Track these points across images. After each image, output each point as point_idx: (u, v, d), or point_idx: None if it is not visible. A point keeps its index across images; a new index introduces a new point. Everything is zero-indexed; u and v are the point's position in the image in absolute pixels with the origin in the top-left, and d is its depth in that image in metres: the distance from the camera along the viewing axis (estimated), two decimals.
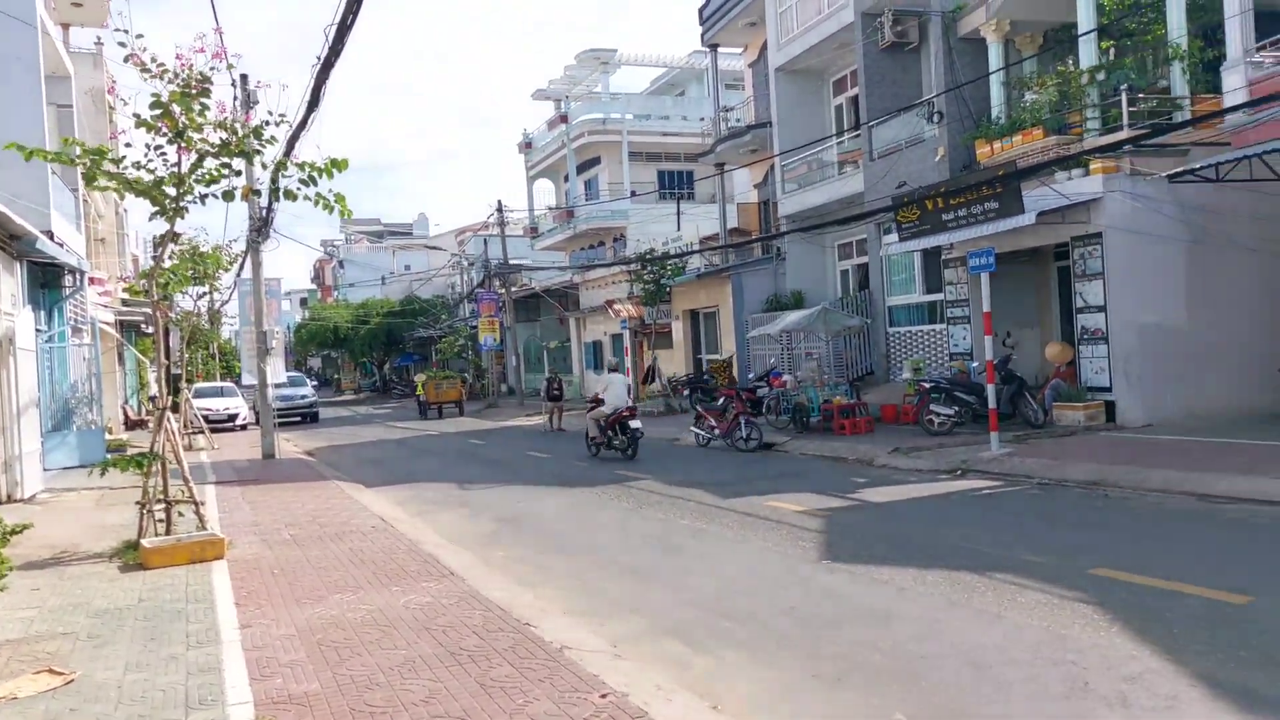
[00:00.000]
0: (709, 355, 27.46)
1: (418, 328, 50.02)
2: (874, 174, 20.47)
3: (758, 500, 10.50)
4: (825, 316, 17.32)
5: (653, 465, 14.74)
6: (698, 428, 17.45)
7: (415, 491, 13.44)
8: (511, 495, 12.51)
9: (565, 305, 36.63)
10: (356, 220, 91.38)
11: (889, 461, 13.26)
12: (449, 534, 9.74)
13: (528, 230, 41.76)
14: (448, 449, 20.07)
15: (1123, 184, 14.66)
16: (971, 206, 15.70)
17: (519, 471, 15.11)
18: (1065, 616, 5.59)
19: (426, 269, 51.54)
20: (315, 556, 8.22)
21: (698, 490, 11.60)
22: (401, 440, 23.17)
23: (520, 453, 18.12)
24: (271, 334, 17.83)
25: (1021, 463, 11.70)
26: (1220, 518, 8.22)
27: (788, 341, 21.74)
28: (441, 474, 15.45)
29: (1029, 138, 16.13)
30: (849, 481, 11.78)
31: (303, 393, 33.19)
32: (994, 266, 12.56)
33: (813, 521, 9.08)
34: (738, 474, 13.08)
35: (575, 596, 6.95)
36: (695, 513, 10.06)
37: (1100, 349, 14.91)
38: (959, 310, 18.00)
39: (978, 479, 11.36)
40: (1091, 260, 14.97)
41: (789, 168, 24.39)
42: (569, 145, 37.38)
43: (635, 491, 11.98)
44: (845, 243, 24.13)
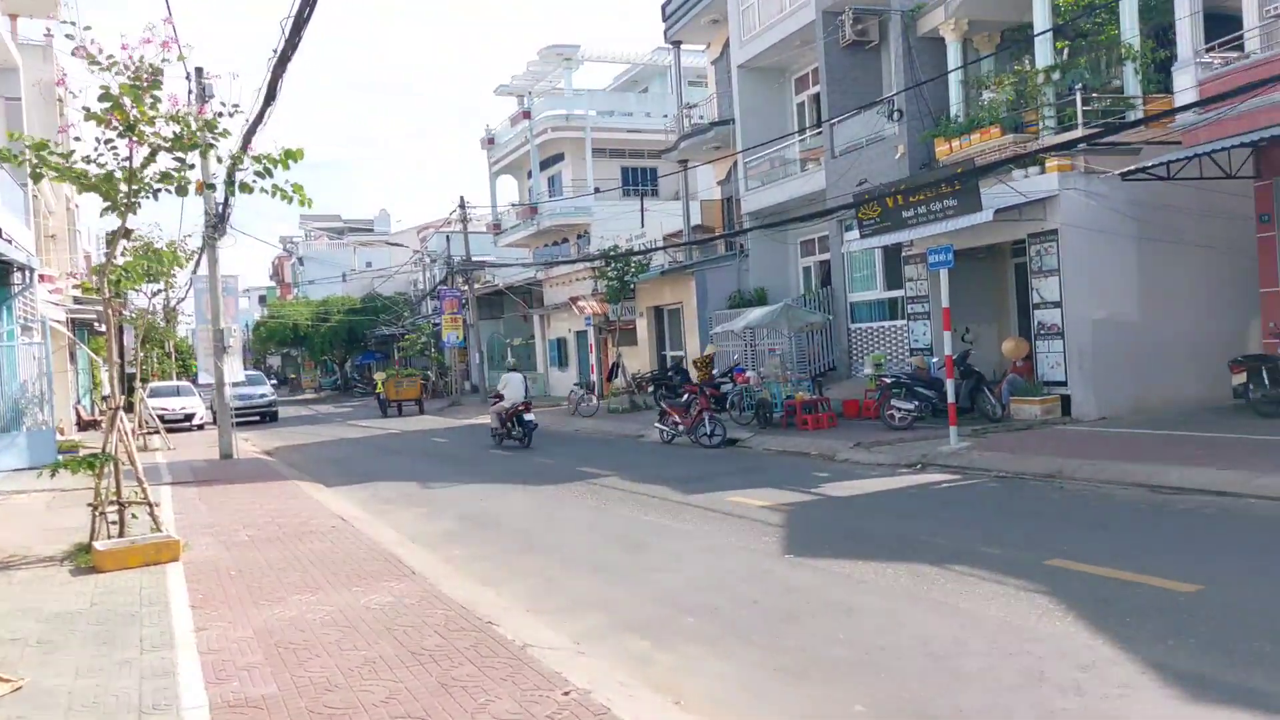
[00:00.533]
0: (673, 352, 27.52)
1: (379, 325, 49.52)
2: (835, 171, 20.64)
3: (721, 496, 10.54)
4: (788, 313, 17.43)
5: (617, 462, 14.74)
6: (662, 424, 17.48)
7: (376, 490, 13.31)
8: (474, 493, 12.43)
9: (529, 302, 36.50)
10: (316, 216, 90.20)
11: (851, 456, 13.38)
12: (410, 533, 9.65)
13: (491, 227, 41.50)
14: (410, 447, 19.90)
15: (1077, 182, 14.93)
16: (931, 204, 15.87)
17: (482, 469, 15.03)
18: (1022, 607, 5.67)
19: (388, 266, 51.04)
20: (273, 557, 8.10)
21: (662, 487, 11.62)
22: (362, 439, 22.93)
23: (483, 450, 18.03)
24: (229, 332, 17.52)
25: (980, 456, 11.87)
26: (1171, 508, 8.40)
27: (751, 338, 21.84)
28: (403, 472, 15.31)
29: (986, 136, 16.36)
30: (811, 476, 11.87)
31: (261, 391, 32.69)
32: (952, 263, 12.72)
33: (775, 516, 9.13)
34: (702, 470, 13.12)
35: (538, 595, 6.92)
36: (659, 509, 10.07)
37: (1056, 344, 15.17)
38: (919, 306, 18.21)
39: (937, 473, 11.51)
40: (1047, 257, 15.22)
41: (752, 165, 24.52)
42: (532, 141, 37.21)
43: (599, 489, 11.97)
44: (808, 239, 24.30)
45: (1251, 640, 4.81)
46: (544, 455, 16.43)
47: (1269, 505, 8.14)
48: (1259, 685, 4.28)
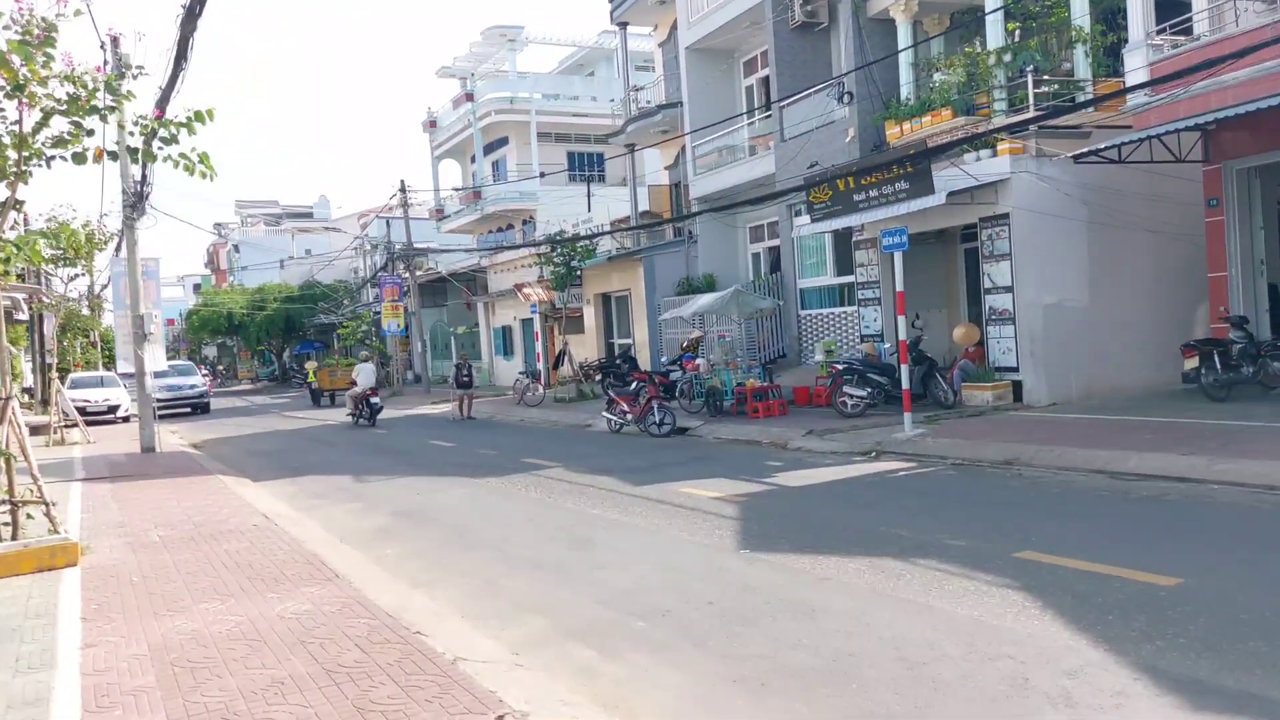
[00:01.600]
0: (621, 339, 27.00)
1: (318, 314, 48.09)
2: (785, 155, 20.28)
3: (671, 487, 10.07)
4: (738, 299, 17.02)
5: (564, 453, 14.19)
6: (610, 413, 16.97)
7: (306, 485, 12.57)
8: (411, 487, 11.79)
9: (473, 289, 35.64)
10: (253, 202, 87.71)
11: (803, 444, 13.02)
12: (339, 531, 9.00)
13: (433, 213, 40.48)
14: (346, 439, 19.09)
15: (1029, 165, 14.74)
16: (883, 187, 15.58)
17: (421, 462, 14.36)
18: (995, 604, 5.29)
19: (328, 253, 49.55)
20: (184, 560, 7.40)
21: (609, 478, 11.11)
22: (296, 431, 22.00)
23: (424, 442, 17.32)
24: (149, 318, 16.51)
25: (935, 443, 11.59)
26: (1135, 495, 8.15)
27: (700, 324, 21.42)
28: (337, 465, 14.56)
29: (938, 118, 16.10)
30: (764, 465, 11.46)
31: (191, 382, 31.40)
32: (907, 246, 12.41)
33: (728, 508, 8.68)
34: (651, 460, 12.65)
35: (474, 597, 6.37)
36: (607, 502, 9.56)
37: (1008, 329, 15.00)
38: (870, 292, 17.95)
39: (893, 460, 11.19)
40: (999, 241, 15.03)
41: (700, 150, 24.07)
42: (475, 124, 36.28)
43: (544, 480, 11.41)
44: (757, 225, 23.95)
45: (1243, 639, 4.47)
46: (487, 446, 15.80)
47: (1231, 491, 7.93)
48: (1262, 690, 3.92)
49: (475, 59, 38.17)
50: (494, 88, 36.00)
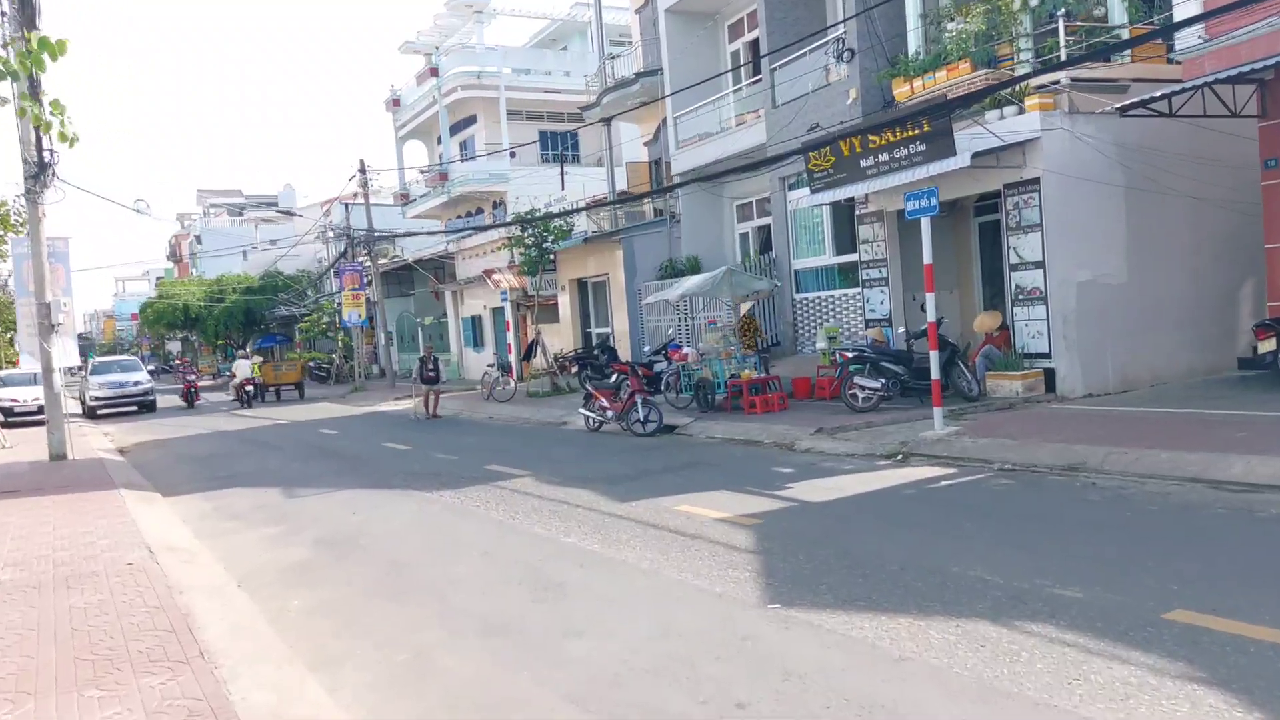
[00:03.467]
0: (598, 329, 25.05)
1: (279, 305, 45.70)
2: (777, 123, 18.38)
3: (664, 503, 8.16)
4: (731, 279, 15.11)
5: (534, 457, 12.25)
6: (588, 409, 15.04)
7: (226, 501, 10.54)
8: (350, 502, 9.79)
9: (441, 277, 33.49)
10: (215, 191, 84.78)
11: (814, 445, 11.16)
12: (242, 569, 7.02)
13: (398, 197, 38.25)
14: (292, 441, 17.01)
15: (1062, 122, 12.93)
16: (894, 150, 13.74)
17: (369, 469, 12.36)
18: (1186, 712, 3.43)
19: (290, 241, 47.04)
20: (3, 625, 5.40)
21: (587, 491, 9.18)
22: (240, 431, 19.87)
23: (377, 445, 15.29)
24: (57, 306, 14.35)
25: (973, 444, 9.75)
26: (1261, 514, 6.34)
27: (687, 310, 19.52)
28: (270, 474, 12.53)
29: (955, 73, 14.24)
30: (772, 473, 9.59)
31: (136, 379, 29.10)
32: (937, 209, 10.54)
33: (741, 534, 6.79)
34: (637, 466, 10.73)
35: (394, 689, 4.43)
36: (585, 524, 7.63)
37: (1038, 310, 13.21)
38: (876, 271, 16.11)
39: (925, 465, 9.35)
40: (1027, 210, 13.22)
41: (683, 121, 22.12)
42: (440, 101, 34.08)
43: (509, 494, 9.46)
44: (744, 202, 22.07)
45: None
46: (448, 450, 13.81)
47: None
48: None
49: (440, 33, 35.97)
50: (460, 61, 33.81)
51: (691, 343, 17.98)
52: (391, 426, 18.15)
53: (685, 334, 19.81)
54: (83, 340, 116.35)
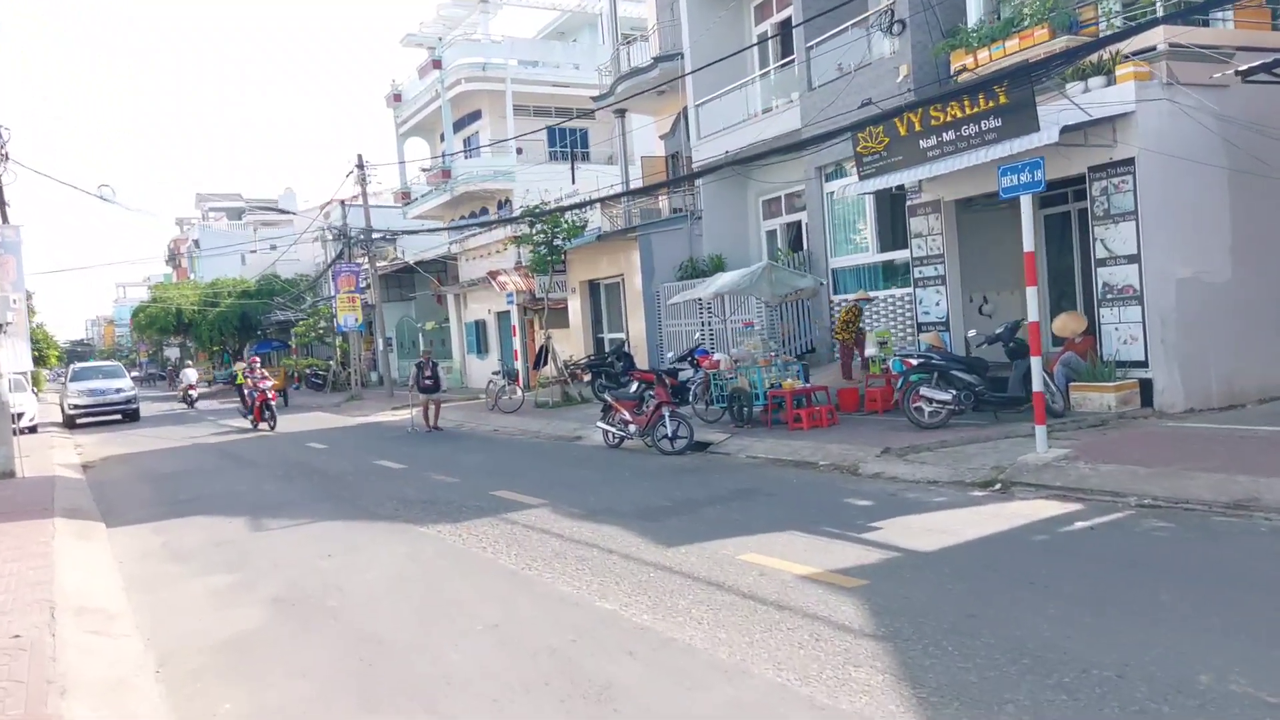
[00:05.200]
0: (611, 334, 23.28)
1: (274, 310, 43.95)
2: (814, 106, 16.60)
3: (724, 550, 6.35)
4: (771, 275, 13.28)
5: (549, 479, 10.43)
6: (607, 423, 13.24)
7: (177, 534, 8.73)
8: (324, 539, 7.98)
9: (443, 280, 31.75)
10: (214, 195, 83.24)
11: (883, 469, 9.34)
12: (167, 643, 5.23)
13: (398, 196, 36.51)
14: (272, 457, 15.20)
15: (1161, 92, 11.15)
16: (962, 127, 11.98)
17: (353, 494, 10.53)
18: None
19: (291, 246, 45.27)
20: None
21: (620, 529, 7.37)
22: (220, 444, 18.06)
23: (366, 462, 13.47)
24: (6, 303, 12.60)
25: (1093, 471, 7.93)
26: None
27: (719, 311, 17.72)
28: (238, 498, 10.71)
29: (1029, 40, 12.46)
30: (845, 507, 7.78)
31: (118, 386, 27.29)
32: (1043, 184, 8.73)
33: (844, 605, 4.97)
34: (674, 495, 8.91)
35: None
36: (625, 581, 5.81)
37: (1131, 311, 11.40)
38: (930, 269, 14.31)
39: (1037, 498, 7.53)
40: (1118, 195, 11.42)
41: (706, 107, 20.37)
42: (444, 95, 32.37)
43: (521, 531, 7.64)
44: (772, 198, 20.30)
45: None
46: (447, 469, 11.99)
47: None
48: None
49: (444, 24, 34.30)
50: (465, 53, 32.09)
51: (724, 348, 16.19)
52: (386, 440, 16.34)
53: (709, 338, 17.99)
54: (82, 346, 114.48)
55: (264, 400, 20.19)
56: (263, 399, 20.20)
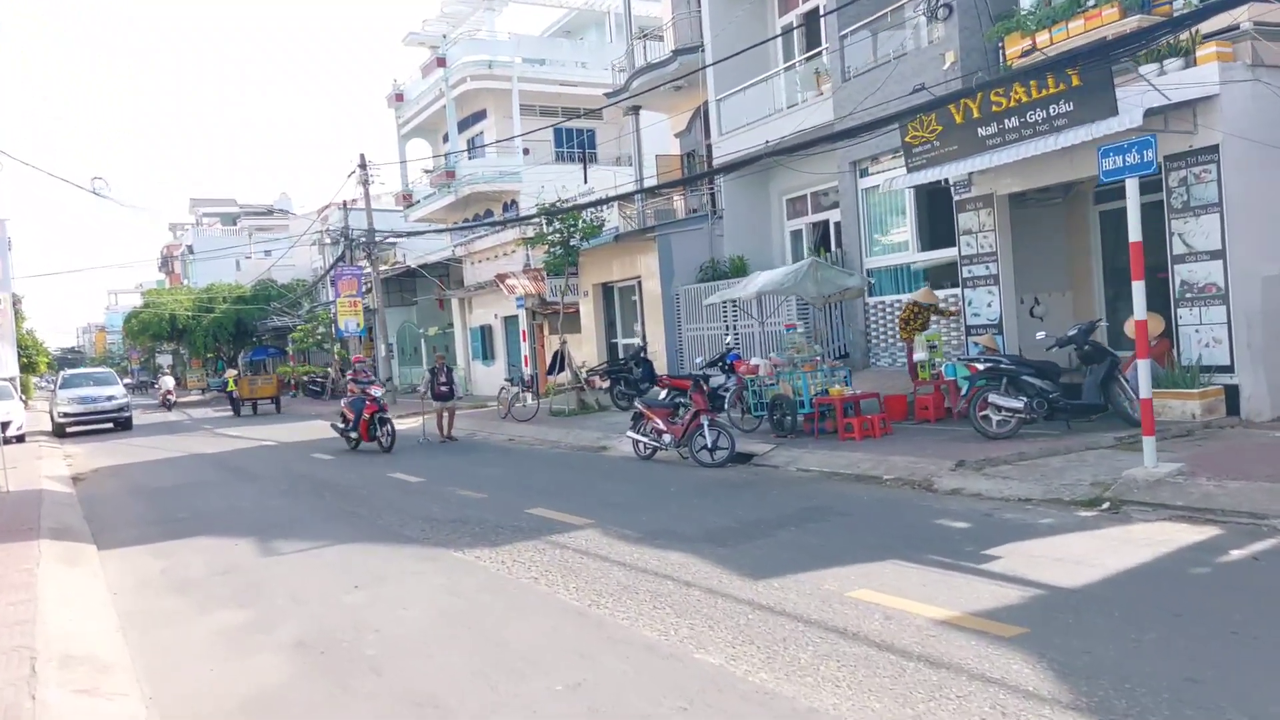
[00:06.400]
0: (625, 339, 22.35)
1: (271, 316, 42.90)
2: (849, 99, 15.72)
3: (821, 581, 5.42)
4: (816, 274, 12.34)
5: (588, 496, 9.47)
6: (638, 432, 12.29)
7: (179, 558, 7.75)
8: (347, 566, 7.01)
9: (447, 284, 30.79)
10: (209, 200, 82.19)
11: (962, 484, 8.42)
12: (170, 705, 4.28)
13: (400, 198, 35.53)
14: (277, 469, 14.21)
15: (1245, 74, 10.30)
16: (1026, 112, 11.10)
17: (372, 511, 9.55)
18: None
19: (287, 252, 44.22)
20: None
21: (689, 555, 6.42)
22: (218, 455, 17.04)
23: (380, 475, 12.48)
24: None
25: (1219, 489, 7.01)
26: None
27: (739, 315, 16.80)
28: (242, 516, 9.73)
29: (1096, 20, 11.60)
30: (940, 529, 6.85)
31: (110, 394, 26.25)
32: (1154, 164, 7.81)
33: (1007, 660, 4.03)
34: (735, 514, 7.96)
35: None
36: (720, 625, 4.87)
37: (1215, 312, 10.51)
38: (981, 268, 13.40)
39: (1160, 520, 6.61)
40: (1200, 186, 10.54)
41: (728, 101, 19.50)
42: (448, 94, 31.45)
43: (574, 558, 6.68)
44: (797, 196, 19.42)
45: None
46: (471, 484, 11.01)
47: None
48: None
49: (448, 22, 33.43)
50: (470, 51, 31.17)
51: (753, 352, 15.26)
52: (397, 451, 15.34)
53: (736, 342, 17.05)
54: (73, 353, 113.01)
55: (375, 412, 15.47)
56: (374, 410, 15.47)
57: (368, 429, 15.44)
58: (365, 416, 15.44)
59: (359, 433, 15.56)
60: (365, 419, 15.45)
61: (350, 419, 15.85)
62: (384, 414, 15.58)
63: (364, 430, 15.47)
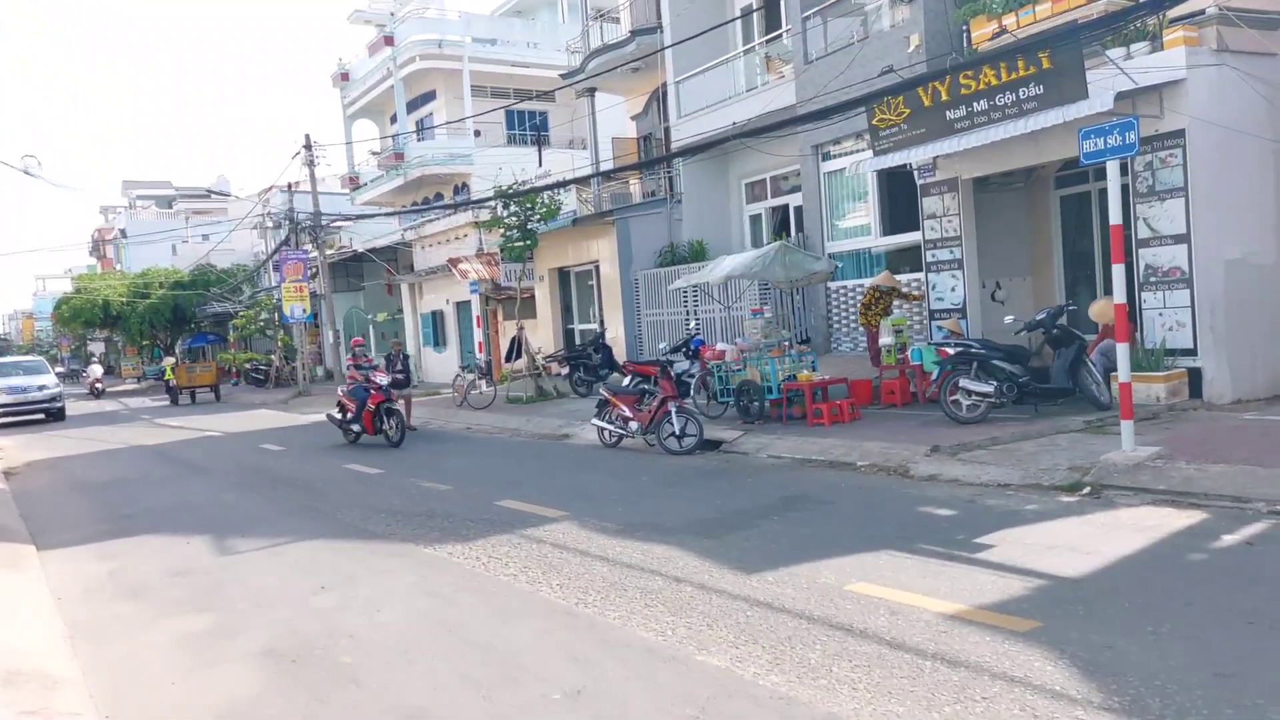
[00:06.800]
0: (582, 325, 22.04)
1: (211, 302, 41.59)
2: (812, 82, 15.59)
3: (816, 574, 5.24)
4: (785, 258, 12.17)
5: (556, 487, 9.19)
6: (603, 420, 12.04)
7: (125, 559, 7.30)
8: (310, 568, 6.64)
9: (396, 269, 30.09)
10: (142, 183, 79.44)
11: (938, 470, 8.34)
12: None
13: (346, 180, 34.62)
14: (227, 461, 13.64)
15: (1211, 59, 10.37)
16: (996, 95, 11.06)
17: (331, 506, 9.15)
18: None
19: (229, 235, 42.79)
20: None
21: (673, 547, 6.20)
22: (164, 446, 16.35)
23: (336, 467, 12.04)
24: None
25: (1199, 473, 7.00)
26: None
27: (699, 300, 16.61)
28: (195, 512, 9.25)
29: (1062, 4, 11.61)
30: (926, 517, 6.73)
31: (40, 383, 25.11)
32: (1136, 147, 7.73)
33: (1028, 656, 3.89)
34: (714, 504, 7.77)
35: None
36: (719, 623, 4.66)
37: (1179, 295, 10.60)
38: (946, 252, 13.40)
39: (1143, 504, 6.58)
40: (1165, 171, 10.60)
41: (687, 84, 19.24)
42: (396, 74, 30.64)
43: (554, 554, 6.41)
44: (756, 180, 19.29)
45: None
46: (434, 475, 10.64)
47: None
48: None
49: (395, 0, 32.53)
50: (419, 29, 30.39)
51: (716, 338, 15.09)
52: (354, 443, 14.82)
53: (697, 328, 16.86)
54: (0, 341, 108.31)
55: (382, 402, 13.81)
56: (380, 400, 13.80)
57: (372, 421, 13.85)
58: (370, 407, 13.82)
59: (362, 425, 13.98)
60: (370, 410, 13.82)
61: (351, 409, 14.18)
62: (391, 404, 14.01)
63: (368, 422, 13.86)
